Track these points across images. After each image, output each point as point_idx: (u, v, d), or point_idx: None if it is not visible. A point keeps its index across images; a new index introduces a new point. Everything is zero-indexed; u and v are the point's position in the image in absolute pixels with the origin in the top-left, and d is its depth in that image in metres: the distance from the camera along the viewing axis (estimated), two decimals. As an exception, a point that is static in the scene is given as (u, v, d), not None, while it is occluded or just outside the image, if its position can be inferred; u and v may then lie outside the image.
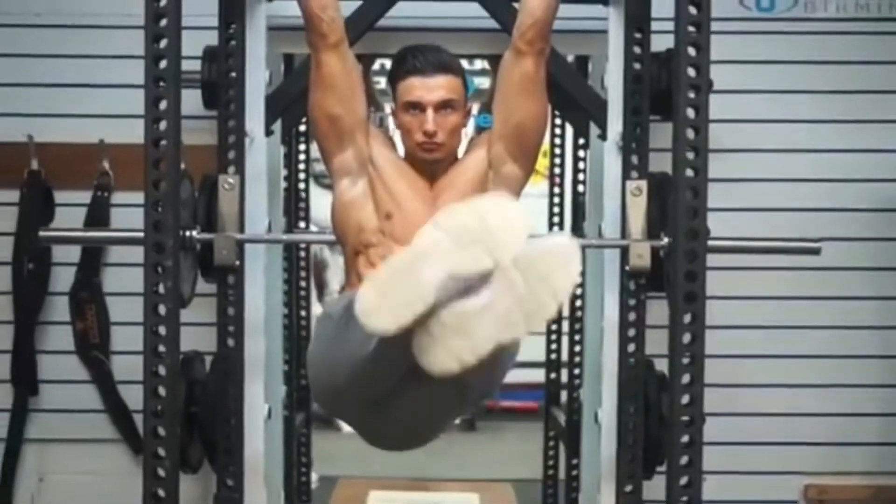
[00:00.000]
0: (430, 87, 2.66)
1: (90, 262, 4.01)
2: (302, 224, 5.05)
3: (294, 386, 4.75)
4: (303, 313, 5.02)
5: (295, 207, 5.00)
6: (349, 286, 2.73)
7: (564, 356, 5.04)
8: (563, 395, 5.06)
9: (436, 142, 2.67)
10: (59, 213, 3.99)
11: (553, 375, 5.18)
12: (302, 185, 5.04)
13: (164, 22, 2.67)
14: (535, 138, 2.77)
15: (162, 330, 2.69)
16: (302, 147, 5.02)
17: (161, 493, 2.68)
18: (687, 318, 2.76)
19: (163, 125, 2.69)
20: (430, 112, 2.65)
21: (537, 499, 5.13)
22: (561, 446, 5.00)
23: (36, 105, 3.97)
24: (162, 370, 2.71)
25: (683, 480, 2.76)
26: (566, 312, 4.91)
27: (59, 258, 4.01)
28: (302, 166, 5.05)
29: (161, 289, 2.67)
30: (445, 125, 2.67)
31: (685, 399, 2.77)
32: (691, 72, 2.71)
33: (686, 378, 2.77)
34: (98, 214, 3.97)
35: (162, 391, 2.71)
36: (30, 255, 3.96)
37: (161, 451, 2.69)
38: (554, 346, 5.15)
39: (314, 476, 5.11)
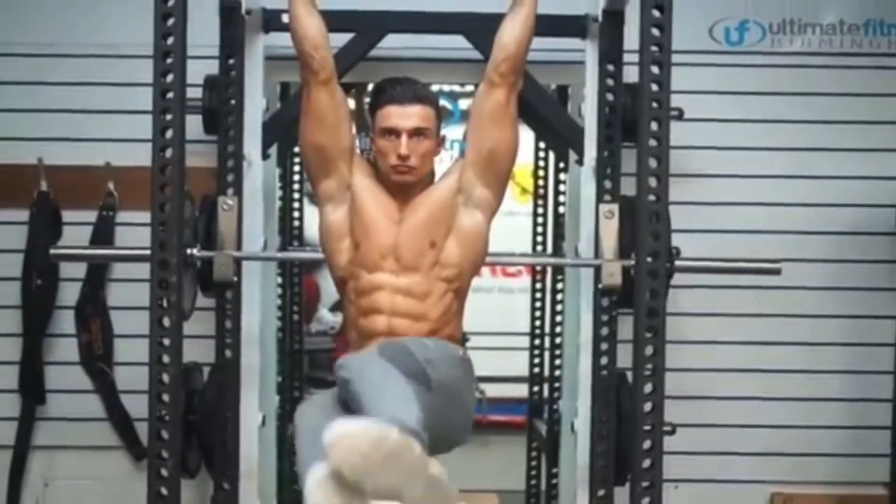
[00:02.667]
0: (405, 115, 2.87)
1: (95, 278, 4.20)
2: (295, 242, 5.26)
3: (287, 397, 4.93)
4: (295, 327, 5.23)
5: (289, 226, 5.22)
6: (346, 315, 2.96)
7: (546, 371, 5.22)
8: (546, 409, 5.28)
9: (408, 165, 2.87)
10: (67, 232, 4.17)
11: (536, 389, 5.37)
12: (296, 205, 5.24)
13: (170, 59, 2.88)
14: (506, 165, 2.95)
15: (166, 341, 2.89)
16: (297, 168, 5.22)
17: (164, 491, 2.88)
18: (649, 333, 2.97)
19: (168, 152, 2.90)
20: (404, 138, 2.86)
21: (519, 508, 5.34)
22: (543, 457, 5.20)
23: (46, 130, 4.16)
24: (166, 378, 2.90)
25: (645, 483, 2.96)
26: (548, 329, 5.13)
27: (66, 274, 4.20)
28: (296, 186, 5.25)
29: (165, 303, 2.87)
30: (418, 150, 2.87)
31: (647, 407, 2.97)
32: (654, 105, 2.92)
33: (648, 387, 2.97)
34: (103, 232, 4.17)
35: (166, 398, 2.91)
36: (38, 270, 4.15)
37: (164, 454, 2.88)
38: (537, 361, 5.35)
39: (306, 484, 5.23)
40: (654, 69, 2.91)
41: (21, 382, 4.20)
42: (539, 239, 5.34)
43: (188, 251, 3.40)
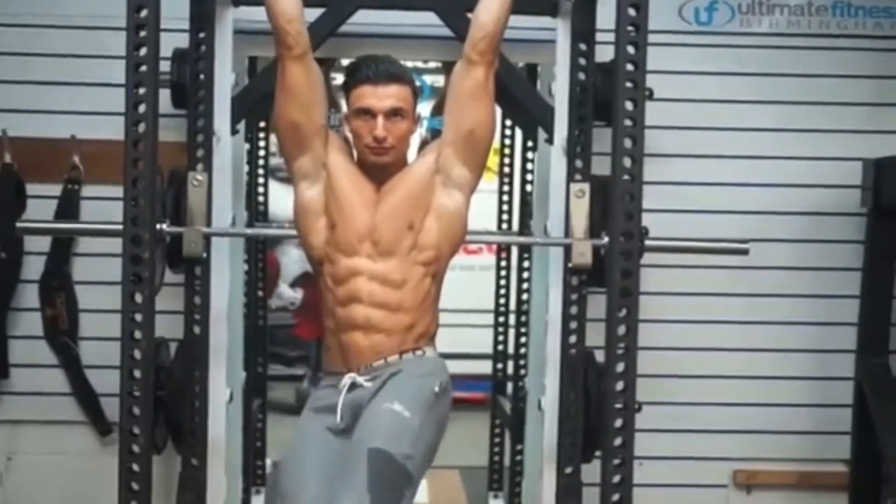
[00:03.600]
0: (381, 96, 2.84)
1: (60, 252, 4.16)
2: (260, 218, 5.23)
3: (251, 373, 4.91)
4: (260, 303, 5.20)
5: (254, 202, 5.18)
6: (323, 302, 2.94)
7: (510, 348, 5.25)
8: (510, 386, 5.30)
9: (384, 146, 2.85)
10: (31, 205, 4.13)
11: (500, 366, 5.39)
12: (261, 181, 5.21)
13: (143, 32, 2.85)
14: (485, 143, 2.95)
15: (138, 317, 2.87)
16: (262, 143, 5.19)
17: (136, 467, 2.87)
18: (622, 312, 2.98)
19: (141, 127, 2.87)
20: (380, 118, 2.83)
21: (483, 484, 5.35)
22: (507, 434, 5.22)
23: (10, 101, 4.11)
24: (137, 354, 2.88)
25: (617, 461, 2.98)
26: (513, 306, 5.14)
27: (30, 248, 4.15)
28: (261, 162, 5.21)
29: (137, 278, 2.84)
30: (394, 131, 2.85)
31: (619, 386, 2.99)
32: (629, 85, 2.93)
33: (620, 367, 2.99)
34: (68, 206, 4.13)
35: (137, 373, 2.89)
36: (2, 244, 4.10)
37: (136, 430, 2.87)
38: (501, 339, 5.36)
39: (268, 461, 5.23)
40: (631, 49, 2.92)
41: (-17, 357, 4.15)
42: (504, 217, 5.35)
43: (157, 226, 3.35)
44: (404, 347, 2.86)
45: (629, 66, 2.92)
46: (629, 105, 2.93)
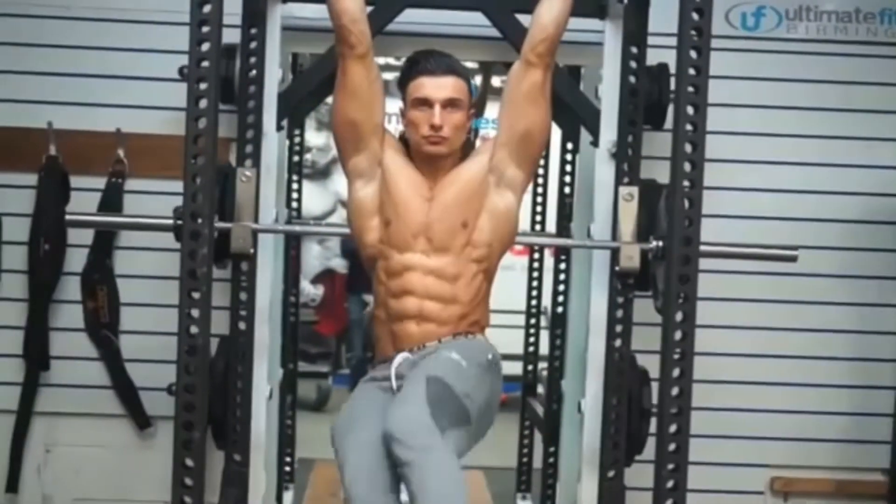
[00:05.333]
0: (439, 86, 2.88)
1: (103, 245, 4.16)
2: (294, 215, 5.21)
3: (285, 369, 4.90)
4: (292, 299, 5.20)
5: (289, 199, 5.17)
6: (375, 294, 2.97)
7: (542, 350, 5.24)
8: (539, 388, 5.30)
9: (441, 135, 2.88)
10: (74, 197, 4.12)
11: (530, 367, 5.39)
12: (295, 177, 5.20)
13: (206, 28, 2.84)
14: (539, 145, 2.99)
15: (195, 313, 2.86)
16: (296, 140, 5.18)
17: (189, 462, 2.87)
18: (679, 317, 2.97)
19: (202, 122, 2.87)
20: (437, 108, 2.87)
21: (510, 485, 5.33)
22: (536, 435, 5.21)
23: (56, 93, 4.11)
24: (194, 349, 2.87)
25: (671, 466, 2.97)
26: (548, 308, 5.13)
27: (73, 240, 4.15)
28: (296, 158, 5.21)
29: (196, 274, 2.84)
30: (450, 121, 2.88)
31: (675, 391, 2.98)
32: (691, 90, 2.92)
33: (676, 371, 2.98)
34: (112, 200, 4.13)
35: (193, 368, 2.89)
36: (46, 236, 4.10)
37: (191, 424, 2.86)
38: (532, 340, 5.36)
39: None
40: (693, 54, 2.91)
41: (25, 348, 4.16)
42: (538, 218, 5.34)
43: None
44: (457, 331, 2.88)
45: (691, 71, 2.90)
46: (690, 110, 2.92)
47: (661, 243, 3.42)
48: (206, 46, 2.86)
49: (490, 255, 2.93)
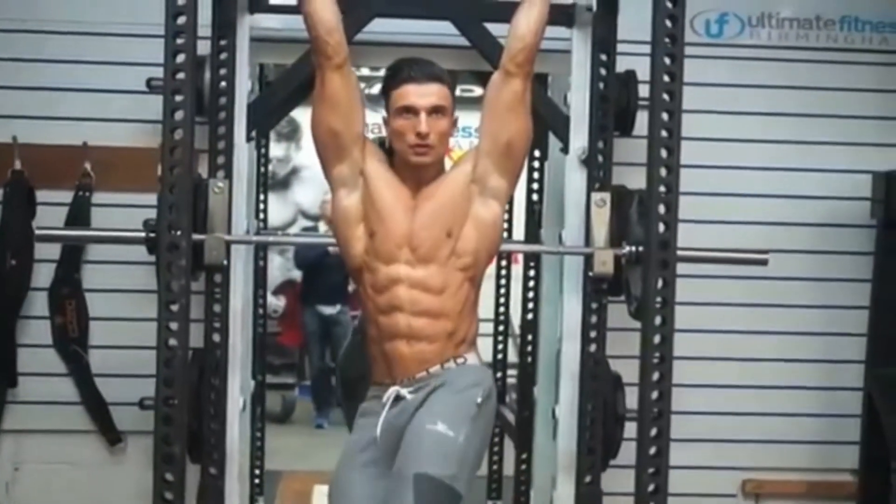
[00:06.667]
0: (423, 94, 2.86)
1: (71, 259, 4.13)
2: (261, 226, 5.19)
3: (254, 380, 4.88)
4: (260, 311, 5.17)
5: (256, 210, 5.15)
6: (364, 309, 2.99)
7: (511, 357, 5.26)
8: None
9: (427, 144, 2.86)
10: (41, 212, 4.09)
11: (499, 375, 5.38)
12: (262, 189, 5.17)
13: (181, 40, 2.83)
14: (522, 154, 2.99)
15: (173, 325, 2.85)
16: (263, 151, 5.15)
17: (170, 477, 2.85)
18: (658, 321, 2.99)
19: (178, 134, 2.85)
20: (423, 115, 2.85)
21: (479, 491, 5.31)
22: (506, 442, 5.21)
23: (21, 107, 4.08)
24: (173, 362, 2.86)
25: (651, 470, 2.99)
26: (517, 315, 5.14)
27: (40, 255, 4.11)
28: (262, 170, 5.18)
29: (174, 286, 2.83)
30: (436, 128, 2.87)
31: (655, 395, 3.00)
32: (665, 97, 2.94)
33: (656, 375, 3.00)
34: (79, 213, 4.10)
35: (172, 382, 2.87)
36: (13, 250, 4.06)
37: (171, 438, 2.84)
38: (500, 347, 5.36)
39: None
40: (667, 60, 2.93)
41: (-7, 365, 4.11)
42: (505, 226, 5.32)
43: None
44: (446, 355, 2.87)
45: (666, 77, 2.93)
46: (665, 116, 2.95)
47: (634, 248, 3.44)
48: (181, 58, 2.85)
49: (476, 263, 2.93)
